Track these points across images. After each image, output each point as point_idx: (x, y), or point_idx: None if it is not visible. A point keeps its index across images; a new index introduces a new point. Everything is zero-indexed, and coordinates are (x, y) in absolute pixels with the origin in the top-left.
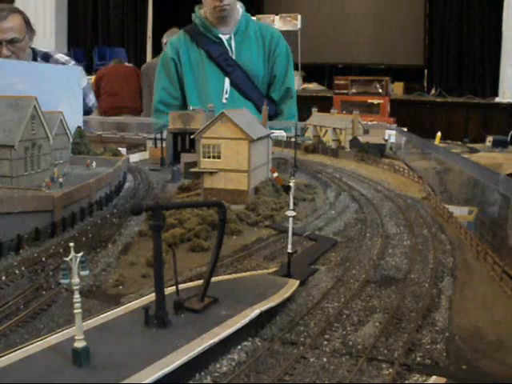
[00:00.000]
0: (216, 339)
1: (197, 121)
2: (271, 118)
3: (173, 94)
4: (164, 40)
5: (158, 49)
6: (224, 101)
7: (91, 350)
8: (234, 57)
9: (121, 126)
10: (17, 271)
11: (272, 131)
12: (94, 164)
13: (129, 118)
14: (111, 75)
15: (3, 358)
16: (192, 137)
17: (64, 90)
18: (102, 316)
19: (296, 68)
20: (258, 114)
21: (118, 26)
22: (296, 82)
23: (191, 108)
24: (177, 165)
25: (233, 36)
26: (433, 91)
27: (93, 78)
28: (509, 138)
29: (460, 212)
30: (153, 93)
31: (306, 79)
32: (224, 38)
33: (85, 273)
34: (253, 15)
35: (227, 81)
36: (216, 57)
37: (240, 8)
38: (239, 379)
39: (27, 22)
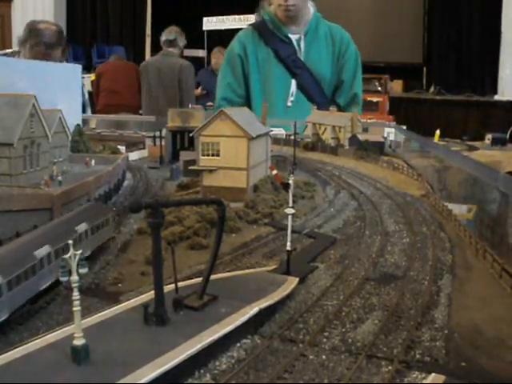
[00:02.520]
0: (215, 337)
1: (196, 119)
2: None
3: (237, 91)
4: (163, 38)
5: (156, 47)
6: (289, 104)
7: (90, 348)
8: (302, 58)
9: (119, 123)
10: None
11: (271, 129)
12: (93, 162)
13: (127, 116)
14: (111, 72)
15: (2, 356)
16: (191, 135)
17: (63, 88)
18: (101, 314)
19: None
20: None
21: (117, 24)
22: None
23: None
24: (176, 163)
25: (302, 36)
26: (432, 89)
27: (92, 75)
28: (508, 136)
29: (459, 210)
30: (151, 91)
31: None
32: (293, 38)
33: (84, 270)
34: (251, 13)
35: (294, 83)
36: (284, 57)
37: (311, 7)
38: (238, 377)
39: None
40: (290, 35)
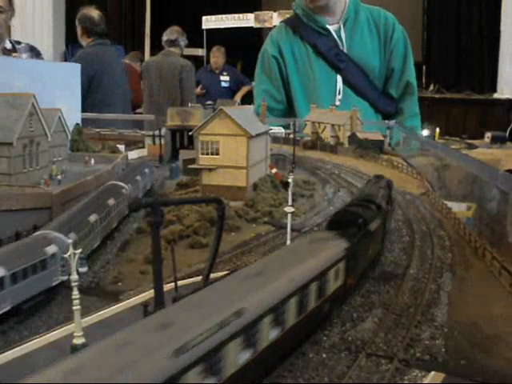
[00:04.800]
0: None
1: (195, 117)
2: (389, 117)
3: (276, 97)
4: (164, 38)
5: (155, 46)
6: (337, 103)
7: None
8: (345, 50)
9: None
10: None
11: (270, 128)
12: (93, 161)
13: (128, 116)
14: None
15: (2, 355)
16: (190, 133)
17: (62, 88)
18: (101, 313)
19: None
20: (374, 115)
21: (116, 23)
22: None
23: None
24: (175, 161)
25: (342, 25)
26: (431, 87)
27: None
28: (507, 134)
29: (459, 208)
30: (152, 91)
31: None
32: (332, 28)
33: (83, 269)
34: (251, 12)
35: (340, 79)
36: (325, 51)
37: None
38: None
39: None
40: (327, 26)
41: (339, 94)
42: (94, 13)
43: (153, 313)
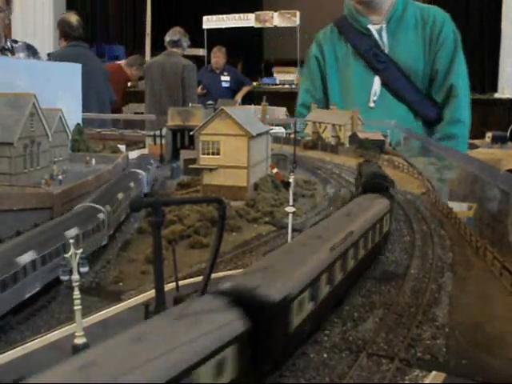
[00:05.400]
0: None
1: (196, 117)
2: (432, 124)
3: (315, 95)
4: (167, 39)
5: (157, 46)
6: (371, 104)
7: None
8: (386, 50)
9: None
10: None
11: (271, 127)
12: (94, 161)
13: (130, 116)
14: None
15: (3, 355)
16: (191, 133)
17: (63, 88)
18: (102, 313)
19: (295, 64)
20: (413, 121)
21: (117, 23)
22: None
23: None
24: (176, 161)
25: (384, 25)
26: None
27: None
28: (508, 134)
29: (459, 208)
30: (154, 91)
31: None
32: (374, 28)
33: (84, 269)
34: (252, 12)
35: (377, 80)
36: (364, 52)
37: None
38: None
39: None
40: (369, 26)
41: (374, 95)
42: (73, 18)
43: (153, 313)
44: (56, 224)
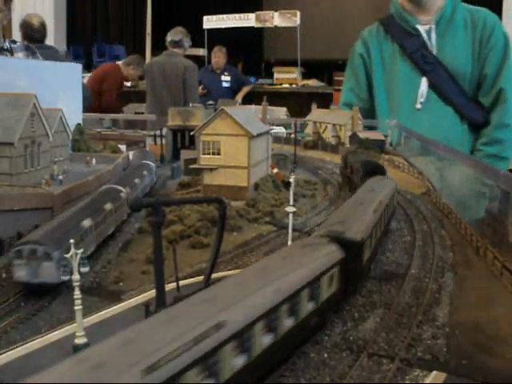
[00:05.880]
0: None
1: (196, 117)
2: (478, 127)
3: (359, 95)
4: (168, 38)
5: (158, 46)
6: (418, 106)
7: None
8: (434, 52)
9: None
10: None
11: (272, 127)
12: (94, 161)
13: (131, 116)
14: None
15: (4, 355)
16: (192, 133)
17: (64, 88)
18: (102, 312)
19: (295, 64)
20: (459, 123)
21: (117, 23)
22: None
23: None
24: (176, 161)
25: (433, 26)
26: None
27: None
28: None
29: None
30: (156, 91)
31: (305, 75)
32: (422, 28)
33: (85, 269)
34: (252, 11)
35: (424, 82)
36: (411, 52)
37: None
38: None
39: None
40: (418, 26)
41: (421, 97)
42: (35, 20)
43: (154, 313)
44: (94, 200)
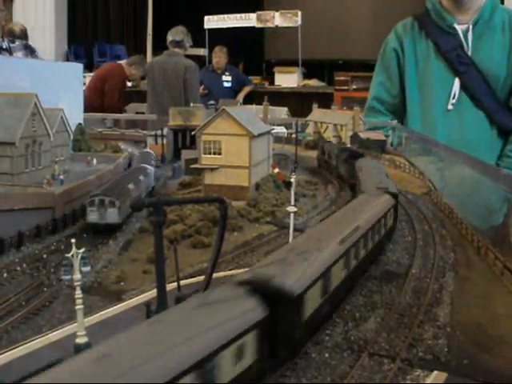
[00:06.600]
0: None
1: (197, 117)
2: (508, 133)
3: (390, 90)
4: (169, 38)
5: (159, 46)
6: (450, 107)
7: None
8: (469, 53)
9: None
10: (18, 268)
11: (273, 127)
12: (95, 161)
13: (133, 115)
14: None
15: (5, 355)
16: (193, 133)
17: (65, 88)
18: (103, 312)
19: (296, 64)
20: (489, 129)
21: (118, 23)
22: (296, 79)
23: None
24: (177, 161)
25: (471, 26)
26: None
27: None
28: None
29: None
30: (156, 91)
31: (306, 75)
32: (460, 28)
33: (86, 269)
34: (253, 11)
35: (457, 82)
36: (446, 51)
37: None
38: None
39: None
40: (455, 25)
41: (453, 98)
42: (17, 27)
43: (155, 313)
44: (131, 172)
